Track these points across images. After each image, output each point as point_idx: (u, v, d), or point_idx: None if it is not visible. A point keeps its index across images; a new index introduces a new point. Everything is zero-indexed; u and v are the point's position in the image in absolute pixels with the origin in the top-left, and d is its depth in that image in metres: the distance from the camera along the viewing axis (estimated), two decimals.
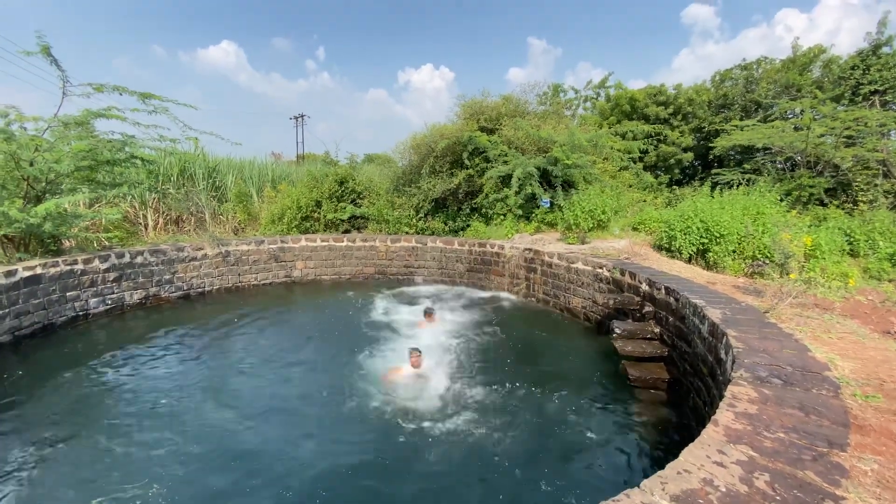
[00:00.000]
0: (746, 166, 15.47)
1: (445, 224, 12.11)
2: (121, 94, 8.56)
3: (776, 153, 14.00)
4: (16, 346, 6.82)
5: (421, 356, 5.97)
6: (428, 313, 7.98)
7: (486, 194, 11.38)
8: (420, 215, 12.19)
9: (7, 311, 6.81)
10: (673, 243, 8.49)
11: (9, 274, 6.89)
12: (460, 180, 11.70)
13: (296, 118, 38.32)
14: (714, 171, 16.77)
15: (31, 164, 7.66)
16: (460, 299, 9.72)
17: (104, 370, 6.15)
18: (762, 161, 14.84)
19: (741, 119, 16.93)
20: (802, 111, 14.04)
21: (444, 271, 11.21)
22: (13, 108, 7.82)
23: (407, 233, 12.04)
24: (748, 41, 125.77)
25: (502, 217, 11.34)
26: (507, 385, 5.65)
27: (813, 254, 7.52)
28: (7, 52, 39.52)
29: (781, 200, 10.01)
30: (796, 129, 13.79)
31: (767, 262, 7.38)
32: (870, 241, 8.35)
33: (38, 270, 7.38)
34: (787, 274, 5.96)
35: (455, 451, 4.38)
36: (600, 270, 7.98)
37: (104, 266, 8.45)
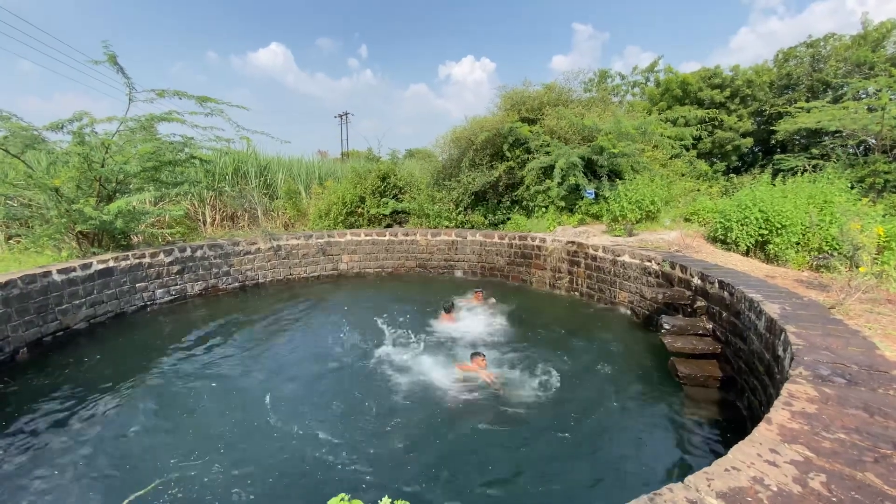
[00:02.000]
0: (814, 151, 14.37)
1: (485, 217, 12.07)
2: (180, 99, 9.13)
3: (847, 137, 12.89)
4: (91, 332, 7.50)
5: (485, 359, 5.89)
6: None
7: (527, 186, 11.22)
8: (460, 209, 12.21)
9: (83, 300, 7.50)
10: (729, 235, 8.04)
11: (85, 266, 7.57)
12: (500, 173, 11.61)
13: (340, 116, 39.34)
14: (776, 157, 15.68)
15: (103, 166, 8.35)
16: (501, 293, 9.69)
17: (173, 355, 6.66)
18: (831, 145, 13.72)
19: (807, 100, 15.70)
20: (878, 91, 12.81)
21: (483, 265, 11.20)
22: (86, 113, 8.53)
23: (447, 227, 12.11)
24: (816, 16, 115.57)
25: (544, 209, 11.16)
26: (552, 380, 5.60)
27: (888, 245, 6.89)
28: (76, 62, 42.85)
29: (852, 188, 9.22)
30: (870, 110, 12.61)
31: (834, 254, 6.84)
32: None
33: (111, 263, 8.06)
34: (857, 267, 5.50)
35: (505, 442, 4.42)
36: (649, 264, 7.70)
37: (168, 259, 9.11)
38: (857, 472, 2.07)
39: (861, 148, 13.04)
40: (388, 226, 12.92)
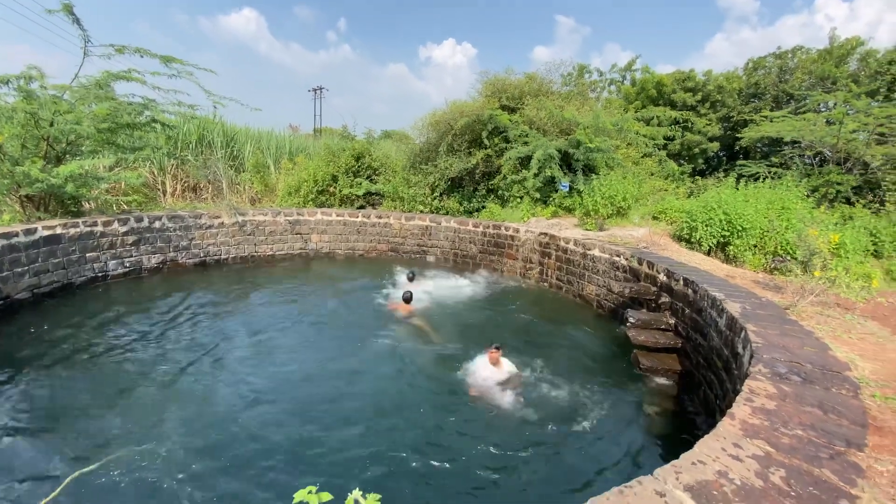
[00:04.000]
0: (774, 159, 15.03)
1: (461, 204, 12.02)
2: (142, 57, 8.54)
3: (805, 147, 13.55)
4: (35, 303, 7.00)
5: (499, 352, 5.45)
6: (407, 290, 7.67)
7: (504, 175, 11.22)
8: (435, 194, 12.10)
9: (26, 268, 6.97)
10: (693, 234, 8.33)
11: (28, 232, 7.02)
12: (478, 160, 11.54)
13: (314, 90, 38.08)
14: (739, 162, 16.32)
15: (52, 125, 7.71)
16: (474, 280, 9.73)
17: (121, 330, 6.31)
18: (790, 155, 14.38)
19: (772, 110, 16.38)
20: (836, 105, 13.51)
21: (456, 252, 11.18)
22: (35, 67, 7.84)
23: (421, 211, 11.99)
24: (787, 29, 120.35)
25: (519, 200, 11.21)
26: (517, 369, 5.67)
27: (837, 252, 7.33)
28: (30, 11, 39.57)
29: (808, 196, 9.72)
30: (828, 123, 13.30)
31: (789, 258, 7.21)
32: (895, 243, 8.11)
33: (58, 230, 7.51)
34: (811, 271, 5.81)
35: (467, 433, 4.43)
36: (617, 258, 7.88)
37: (123, 229, 8.58)
38: (814, 468, 2.17)
39: (817, 159, 13.74)
40: (361, 207, 12.67)
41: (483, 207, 11.74)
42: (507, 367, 5.44)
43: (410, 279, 8.59)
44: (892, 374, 3.51)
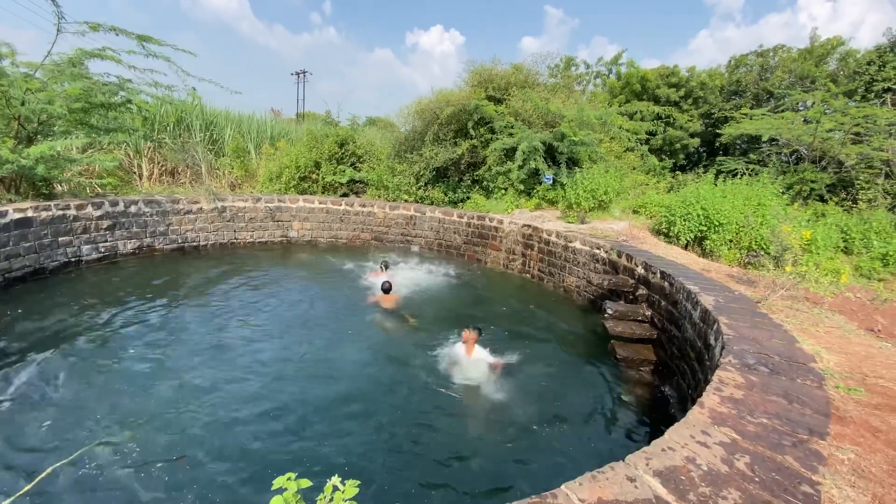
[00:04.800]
0: (752, 156, 15.37)
1: (445, 194, 11.99)
2: (117, 35, 8.22)
3: (783, 145, 13.89)
4: (6, 288, 6.79)
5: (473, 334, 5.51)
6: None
7: (489, 167, 11.22)
8: (420, 184, 12.04)
9: None
10: (672, 228, 8.49)
11: None
12: (464, 150, 11.50)
13: (297, 74, 37.29)
14: (719, 158, 16.64)
15: (23, 104, 7.41)
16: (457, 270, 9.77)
17: (95, 316, 6.16)
18: (768, 152, 14.72)
19: (752, 107, 16.70)
20: (814, 104, 13.85)
21: (441, 242, 11.19)
22: (6, 44, 7.51)
23: (406, 200, 11.93)
24: (770, 27, 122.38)
25: (503, 191, 11.24)
26: (497, 356, 5.74)
27: (809, 248, 7.57)
28: None
29: (783, 193, 9.99)
30: (806, 121, 13.64)
31: (763, 253, 7.42)
32: (865, 240, 8.41)
33: (30, 213, 7.26)
34: (782, 266, 6.00)
35: (445, 420, 4.48)
36: (597, 251, 8.00)
37: (97, 213, 8.34)
38: (777, 455, 2.27)
39: (793, 156, 14.11)
40: (345, 195, 12.54)
41: (468, 198, 11.75)
42: (479, 354, 5.46)
43: (384, 269, 8.55)
44: (855, 367, 3.67)
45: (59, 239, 7.76)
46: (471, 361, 5.37)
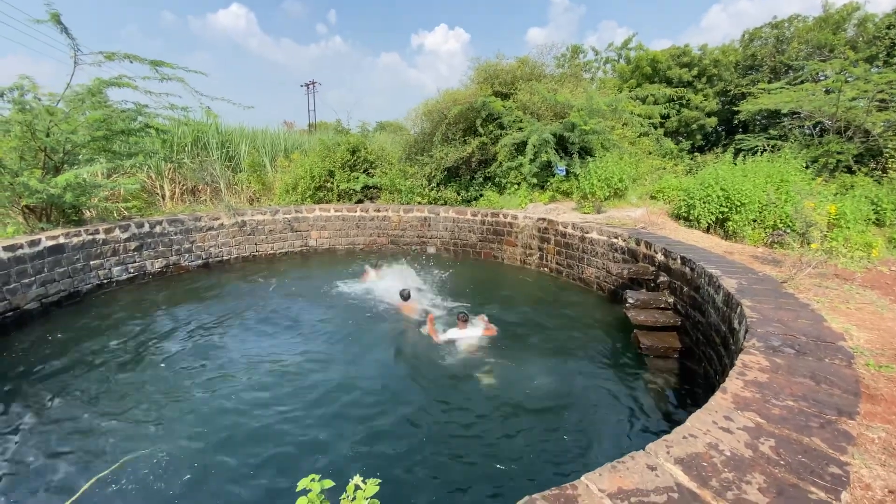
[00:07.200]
0: (772, 132, 14.85)
1: (458, 194, 12.01)
2: (131, 62, 8.52)
3: (804, 118, 13.35)
4: (44, 313, 7.12)
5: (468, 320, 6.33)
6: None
7: (500, 162, 11.18)
8: (432, 185, 12.09)
9: (33, 279, 7.07)
10: (691, 212, 8.31)
11: (33, 243, 7.11)
12: (473, 148, 11.50)
13: (307, 85, 37.82)
14: (738, 136, 16.15)
15: (48, 135, 7.75)
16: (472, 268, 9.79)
17: (134, 335, 6.41)
18: (789, 126, 14.19)
19: (769, 82, 16.14)
20: (835, 73, 13.31)
21: (456, 242, 11.21)
22: (27, 78, 7.85)
23: (419, 203, 11.99)
24: None
25: (516, 186, 11.19)
26: (519, 350, 5.74)
27: (837, 223, 7.29)
28: (18, 22, 39.37)
29: (807, 167, 9.64)
30: (827, 92, 13.09)
31: (788, 231, 7.19)
32: None
33: (62, 240, 7.60)
34: (809, 244, 5.80)
35: (469, 413, 4.51)
36: (615, 240, 7.89)
37: (125, 235, 8.66)
38: (804, 437, 2.22)
39: (817, 129, 13.57)
40: (360, 201, 12.68)
41: (481, 196, 11.73)
42: (471, 329, 6.23)
43: (374, 267, 9.00)
44: (887, 343, 3.54)
45: (91, 262, 8.10)
46: (465, 333, 6.16)
